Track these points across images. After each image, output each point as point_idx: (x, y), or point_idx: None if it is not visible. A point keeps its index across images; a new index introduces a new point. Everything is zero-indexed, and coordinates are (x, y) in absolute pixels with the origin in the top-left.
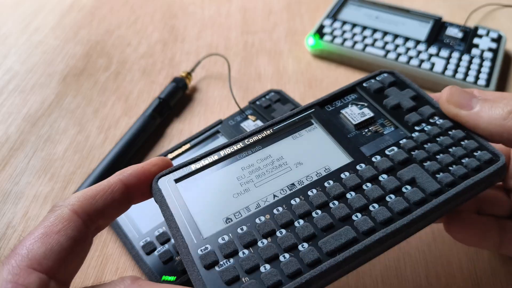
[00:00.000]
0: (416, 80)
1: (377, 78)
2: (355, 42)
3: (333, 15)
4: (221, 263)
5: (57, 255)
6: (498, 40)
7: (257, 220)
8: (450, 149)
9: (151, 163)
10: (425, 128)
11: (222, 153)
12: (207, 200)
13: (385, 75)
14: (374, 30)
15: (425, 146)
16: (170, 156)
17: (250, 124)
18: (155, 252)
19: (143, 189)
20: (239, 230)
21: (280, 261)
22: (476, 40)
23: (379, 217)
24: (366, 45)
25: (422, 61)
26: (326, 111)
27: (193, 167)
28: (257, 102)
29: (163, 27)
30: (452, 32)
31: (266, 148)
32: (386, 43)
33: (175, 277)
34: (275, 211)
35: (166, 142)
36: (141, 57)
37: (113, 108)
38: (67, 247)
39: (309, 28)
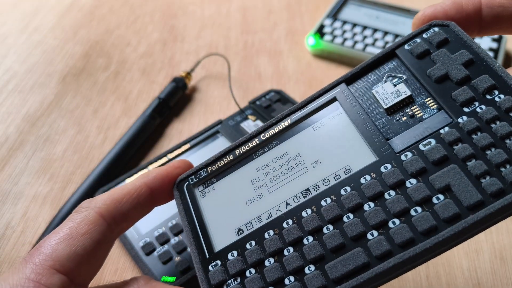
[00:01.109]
0: None
1: (424, 36)
2: (355, 42)
3: (334, 14)
4: (229, 282)
5: (80, 258)
6: (498, 40)
7: (266, 235)
8: (508, 140)
9: (174, 166)
10: (478, 110)
11: (237, 152)
12: (222, 207)
13: (436, 29)
14: (375, 30)
15: (473, 137)
16: (170, 156)
17: (250, 124)
18: (155, 253)
19: (166, 192)
20: (248, 246)
21: (285, 284)
22: (476, 40)
23: (398, 238)
24: (366, 45)
25: None
26: (356, 89)
27: (210, 169)
28: (257, 102)
29: (162, 27)
30: None
31: (283, 143)
32: (386, 42)
33: (175, 277)
34: (284, 224)
35: (165, 142)
36: (141, 57)
37: (112, 108)
38: (90, 250)
39: (309, 27)
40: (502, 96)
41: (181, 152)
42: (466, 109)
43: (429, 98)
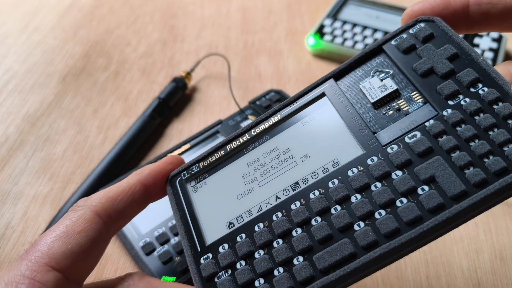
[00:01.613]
0: None
1: (411, 31)
2: (355, 42)
3: (334, 14)
4: (220, 274)
5: (76, 255)
6: (498, 40)
7: (256, 228)
8: (491, 132)
9: (166, 162)
10: (462, 102)
11: (228, 147)
12: (214, 202)
13: (422, 25)
14: (375, 30)
15: (457, 129)
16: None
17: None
18: (155, 253)
19: (160, 188)
20: (238, 239)
21: (274, 275)
22: (476, 40)
23: (383, 228)
24: (366, 45)
25: None
26: (344, 84)
27: (202, 164)
28: (257, 102)
29: (162, 27)
30: None
31: (273, 138)
32: None
33: (175, 277)
34: (274, 217)
35: (165, 142)
36: (141, 57)
37: (112, 108)
38: (86, 248)
39: (309, 27)
40: (485, 89)
41: (181, 152)
42: (450, 102)
43: (415, 92)
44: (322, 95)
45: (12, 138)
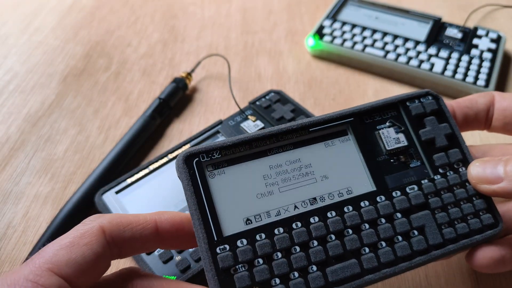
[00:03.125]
0: (415, 81)
1: (422, 100)
2: (354, 43)
3: (333, 15)
4: (237, 267)
5: (78, 265)
6: (497, 40)
7: (276, 231)
8: (462, 203)
9: (189, 218)
10: (448, 174)
11: (254, 144)
12: (232, 194)
13: (430, 98)
14: (374, 31)
15: (442, 194)
16: (170, 156)
17: (250, 124)
18: (155, 252)
19: (175, 238)
20: (257, 237)
21: (290, 278)
22: (475, 41)
23: (384, 258)
24: (365, 46)
25: (421, 61)
26: (363, 124)
27: (224, 153)
28: (257, 103)
29: (163, 28)
30: (452, 32)
31: (297, 149)
32: (385, 43)
33: (175, 277)
34: (294, 225)
35: (166, 142)
36: (141, 57)
37: (113, 108)
38: (89, 260)
39: (309, 28)
40: (463, 168)
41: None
42: (441, 170)
43: (416, 152)
44: (346, 127)
45: (13, 138)
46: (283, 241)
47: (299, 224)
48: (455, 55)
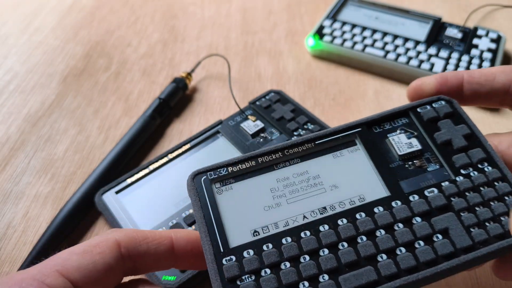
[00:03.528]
0: None
1: (434, 105)
2: (354, 43)
3: (333, 15)
4: (243, 277)
5: (88, 272)
6: (497, 40)
7: (283, 241)
8: (492, 203)
9: None
10: (471, 174)
11: (260, 160)
12: (239, 207)
13: (442, 103)
14: (374, 31)
15: (467, 194)
16: (170, 156)
17: (250, 124)
18: None
19: (190, 256)
20: (264, 247)
21: (299, 287)
22: (475, 41)
23: (404, 264)
24: (365, 46)
25: (421, 61)
26: (372, 133)
27: (230, 169)
28: (257, 103)
29: (163, 28)
30: (452, 32)
31: (304, 162)
32: (385, 43)
33: (175, 277)
34: (302, 234)
35: (166, 142)
36: (141, 57)
37: (113, 108)
38: (100, 269)
39: (309, 28)
40: (489, 168)
41: (181, 152)
42: (463, 171)
43: (433, 156)
44: (354, 137)
45: (13, 138)
46: (291, 249)
47: (308, 232)
48: (455, 55)
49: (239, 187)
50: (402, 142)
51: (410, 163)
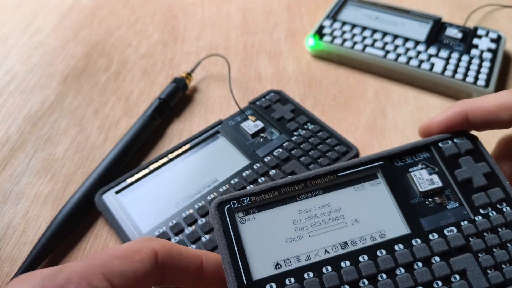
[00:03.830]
0: (415, 81)
1: (455, 141)
2: (354, 43)
3: (333, 15)
4: None
5: (128, 279)
6: (497, 40)
7: (305, 275)
8: (509, 245)
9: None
10: (490, 214)
11: (282, 190)
12: (262, 238)
13: (464, 139)
14: (374, 31)
15: (485, 235)
16: (170, 156)
17: (250, 124)
18: None
19: (216, 281)
20: (287, 281)
21: None
22: (475, 41)
23: None
24: (365, 46)
25: (421, 61)
26: (394, 167)
27: (253, 199)
28: (257, 103)
29: (163, 28)
30: (452, 32)
31: (326, 194)
32: (385, 43)
33: None
34: (324, 269)
35: (166, 142)
36: (141, 57)
37: (113, 108)
38: (138, 277)
39: (309, 28)
40: (508, 208)
41: (181, 152)
42: (482, 211)
43: (453, 193)
44: (376, 171)
45: (13, 138)
46: (313, 285)
47: (330, 268)
48: (455, 55)
49: (261, 218)
50: (423, 178)
51: (430, 199)
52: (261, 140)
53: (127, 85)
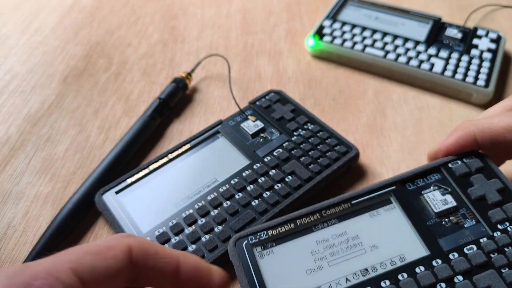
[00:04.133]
0: (415, 81)
1: (465, 160)
2: (354, 43)
3: (333, 15)
4: None
5: (99, 275)
6: (497, 40)
7: None
8: None
9: (217, 273)
10: (508, 229)
11: (298, 222)
12: (282, 271)
13: (473, 158)
14: (374, 31)
15: (506, 250)
16: (170, 156)
17: (250, 124)
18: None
19: (193, 285)
20: None
21: None
22: (475, 41)
23: None
24: (365, 46)
25: (421, 61)
26: (407, 190)
27: (270, 233)
28: (257, 103)
29: (163, 28)
30: (452, 32)
31: (342, 222)
32: (385, 43)
33: None
34: None
35: (166, 142)
36: (141, 57)
37: (113, 108)
38: (110, 274)
39: (309, 29)
40: None
41: (181, 152)
42: (499, 226)
43: (469, 212)
44: (389, 195)
45: (13, 138)
46: None
47: None
48: (455, 55)
49: (280, 251)
50: (437, 199)
51: (446, 219)
52: (261, 140)
53: (127, 85)
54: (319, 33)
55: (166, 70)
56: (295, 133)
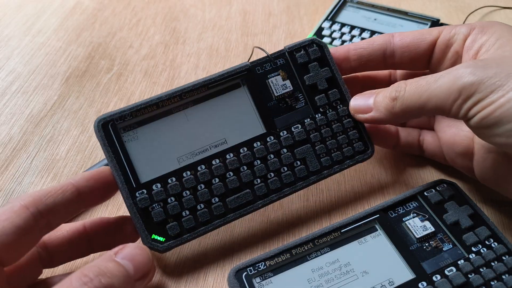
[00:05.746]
0: None
1: (438, 188)
2: None
3: (332, 17)
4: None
5: (8, 237)
6: None
7: None
8: (504, 276)
9: (99, 171)
10: (481, 251)
11: (294, 251)
12: None
13: (445, 186)
14: (373, 32)
15: (481, 270)
16: (184, 98)
17: (279, 82)
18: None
19: (93, 193)
20: None
21: None
22: None
23: None
24: None
25: None
26: (389, 217)
27: (268, 263)
28: (294, 53)
29: (164, 29)
30: None
31: (334, 250)
32: None
33: (164, 238)
34: None
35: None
36: (143, 58)
37: (115, 109)
38: (10, 233)
39: (308, 30)
40: (496, 244)
41: (196, 98)
42: (474, 249)
43: (445, 236)
44: (374, 223)
45: (16, 139)
46: None
47: None
48: None
49: (279, 280)
50: (417, 225)
51: (427, 244)
52: (284, 106)
53: (129, 86)
54: (318, 34)
55: (167, 71)
56: (320, 110)
